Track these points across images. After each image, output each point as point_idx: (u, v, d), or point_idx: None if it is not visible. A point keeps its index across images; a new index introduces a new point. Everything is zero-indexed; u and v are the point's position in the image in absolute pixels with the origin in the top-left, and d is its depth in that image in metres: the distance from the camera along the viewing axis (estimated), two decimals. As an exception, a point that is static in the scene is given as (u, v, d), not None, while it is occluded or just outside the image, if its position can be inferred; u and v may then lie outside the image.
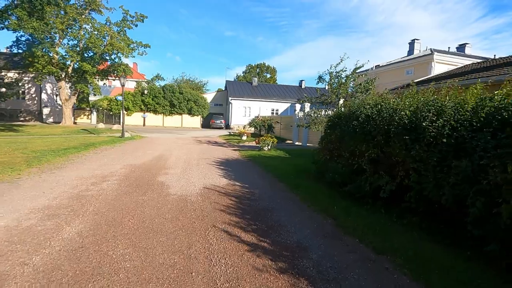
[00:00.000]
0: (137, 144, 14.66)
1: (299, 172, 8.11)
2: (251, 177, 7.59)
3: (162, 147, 13.67)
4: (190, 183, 6.58)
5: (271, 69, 56.89)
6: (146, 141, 16.83)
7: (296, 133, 19.49)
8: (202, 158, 10.58)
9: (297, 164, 9.48)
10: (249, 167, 9.19)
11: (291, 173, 7.98)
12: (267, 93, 36.09)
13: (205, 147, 14.87)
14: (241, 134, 19.24)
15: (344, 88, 11.40)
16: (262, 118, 21.79)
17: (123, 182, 6.46)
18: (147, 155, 10.97)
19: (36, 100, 32.68)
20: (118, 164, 8.75)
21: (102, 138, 16.85)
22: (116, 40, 24.75)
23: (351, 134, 5.46)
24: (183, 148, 13.61)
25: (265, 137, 12.96)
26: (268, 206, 5.01)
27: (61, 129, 22.86)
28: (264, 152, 12.62)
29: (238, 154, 12.31)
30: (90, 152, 11.07)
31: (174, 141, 17.12)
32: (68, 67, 25.90)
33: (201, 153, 12.23)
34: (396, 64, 25.41)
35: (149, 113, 33.48)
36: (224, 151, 13.46)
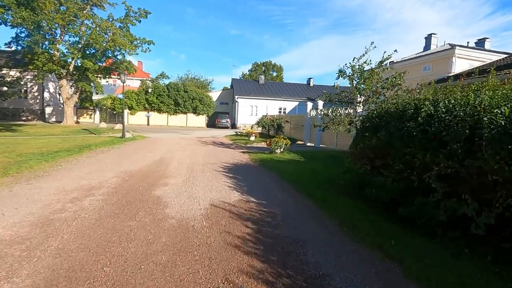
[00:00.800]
0: (137, 146, 13.42)
1: (323, 181, 6.74)
2: (267, 189, 6.25)
3: (164, 149, 12.40)
4: (194, 198, 5.27)
5: (278, 67, 55.38)
6: (148, 141, 15.60)
7: (308, 133, 18.09)
8: (207, 163, 9.28)
9: (317, 171, 8.11)
10: (262, 175, 7.85)
11: (314, 183, 6.62)
12: (274, 91, 34.68)
13: (211, 148, 13.57)
14: (248, 134, 17.91)
15: (369, 83, 9.97)
16: (271, 117, 20.42)
17: (111, 197, 5.17)
18: (146, 158, 9.71)
19: (38, 99, 31.78)
20: (111, 171, 7.49)
21: (102, 139, 15.67)
22: (119, 37, 23.57)
23: (405, 139, 4.08)
24: (187, 150, 12.33)
25: (278, 138, 11.61)
26: (297, 238, 3.67)
27: (62, 128, 21.80)
28: (276, 156, 11.27)
29: (248, 158, 10.98)
30: (83, 156, 9.84)
31: (178, 142, 15.87)
32: (70, 64, 24.82)
33: (207, 156, 10.94)
34: (411, 60, 23.80)
35: (153, 112, 32.34)
36: (231, 153, 12.14)
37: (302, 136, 18.93)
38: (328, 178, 7.11)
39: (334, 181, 6.75)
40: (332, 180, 6.90)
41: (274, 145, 11.42)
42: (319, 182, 6.64)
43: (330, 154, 12.47)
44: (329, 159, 10.94)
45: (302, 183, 6.60)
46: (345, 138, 14.49)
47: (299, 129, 19.50)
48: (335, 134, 15.34)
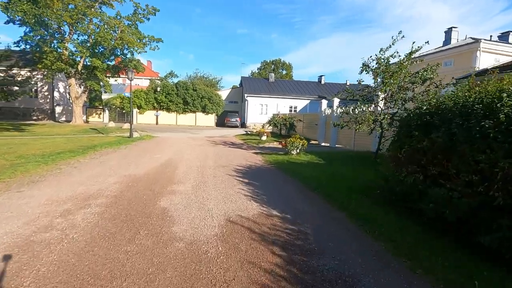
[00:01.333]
0: (145, 146, 12.72)
1: (352, 189, 5.81)
2: (289, 198, 5.37)
3: (173, 150, 11.65)
4: (206, 211, 4.43)
5: (287, 65, 54.28)
6: (156, 141, 14.90)
7: (322, 133, 17.11)
8: (219, 166, 8.46)
9: (342, 176, 7.17)
10: (281, 181, 6.96)
11: (342, 191, 5.69)
12: (285, 89, 33.69)
13: (221, 149, 12.76)
14: (260, 133, 17.04)
15: (397, 77, 8.96)
16: (283, 116, 19.50)
17: (109, 209, 4.38)
18: (153, 160, 8.95)
19: (48, 98, 31.61)
20: (114, 175, 6.73)
21: (109, 139, 15.05)
22: (127, 34, 22.99)
23: (478, 143, 3.14)
24: (196, 151, 11.54)
25: (294, 138, 10.69)
26: (343, 273, 2.78)
27: (70, 128, 21.39)
28: (292, 157, 10.37)
29: (262, 159, 10.11)
30: (87, 157, 9.15)
31: (187, 142, 15.12)
32: (78, 63, 24.40)
33: (218, 157, 10.12)
34: (431, 56, 22.46)
35: (162, 111, 31.80)
36: (243, 154, 11.29)
37: (316, 136, 17.96)
38: (357, 185, 6.17)
39: (365, 189, 5.82)
40: (363, 187, 5.96)
41: (290, 145, 10.52)
42: (348, 190, 5.71)
43: (349, 155, 11.49)
44: (350, 161, 9.97)
45: (329, 191, 5.69)
46: (363, 138, 13.48)
47: (312, 128, 18.53)
48: (353, 134, 14.33)
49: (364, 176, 7.13)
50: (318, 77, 37.60)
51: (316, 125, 17.96)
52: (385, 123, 9.11)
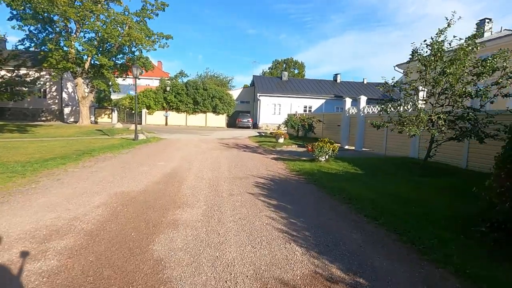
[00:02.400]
0: (149, 150, 11.16)
1: (435, 222, 3.98)
2: (347, 239, 3.58)
3: (180, 155, 10.04)
4: (225, 267, 2.73)
5: (299, 64, 52.25)
6: (163, 144, 13.35)
7: (346, 135, 15.22)
8: (235, 177, 6.76)
9: (406, 197, 5.31)
10: (322, 203, 5.16)
11: (422, 225, 3.86)
12: (299, 88, 31.79)
13: (236, 154, 11.07)
14: (276, 135, 15.30)
15: (460, 66, 7.07)
16: (300, 116, 17.69)
17: (73, 261, 2.74)
18: (156, 170, 7.34)
19: (57, 99, 30.70)
20: (102, 192, 5.13)
21: (111, 141, 13.61)
22: (134, 30, 21.64)
23: None
24: (207, 157, 9.90)
25: (322, 142, 8.90)
26: None
27: (76, 129, 20.17)
28: (321, 165, 8.58)
29: (285, 168, 8.37)
30: (79, 165, 7.61)
31: (197, 145, 13.52)
32: (85, 62, 23.22)
33: (233, 165, 8.44)
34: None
35: (172, 111, 30.42)
36: (262, 161, 9.58)
37: (338, 138, 16.07)
38: (437, 214, 4.35)
39: (453, 221, 4.00)
40: (447, 218, 4.13)
41: (318, 151, 8.74)
42: (430, 224, 3.88)
43: (388, 162, 9.62)
44: (394, 170, 8.12)
45: (403, 225, 3.89)
46: (398, 142, 11.56)
47: (334, 130, 16.66)
48: (384, 136, 12.42)
49: (432, 197, 5.30)
50: (333, 75, 35.53)
51: (338, 126, 16.09)
52: (442, 124, 7.23)
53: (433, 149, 7.97)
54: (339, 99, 30.82)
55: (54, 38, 22.00)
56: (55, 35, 21.88)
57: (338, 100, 30.82)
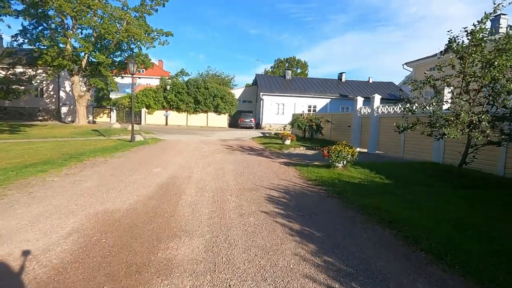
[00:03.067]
0: (145, 154, 10.09)
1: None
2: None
3: (179, 160, 8.96)
4: None
5: (302, 64, 51.06)
6: (161, 147, 12.26)
7: (357, 136, 14.12)
8: (244, 189, 5.68)
9: (470, 223, 4.21)
10: (358, 227, 4.07)
11: (496, 273, 2.81)
12: (303, 87, 30.64)
13: (241, 158, 9.99)
14: (283, 137, 14.20)
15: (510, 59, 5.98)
16: (308, 115, 16.58)
17: None
18: (150, 179, 6.26)
19: (54, 98, 29.64)
20: (79, 212, 4.05)
21: (105, 143, 12.54)
22: (133, 26, 20.55)
23: None
24: (210, 161, 8.81)
25: (340, 146, 7.78)
26: None
27: (71, 129, 19.10)
28: (339, 172, 7.48)
29: (299, 175, 7.27)
30: (62, 173, 6.54)
31: (198, 147, 12.43)
32: (82, 59, 22.15)
33: (239, 172, 7.35)
34: (478, 46, 19.05)
35: (172, 111, 29.32)
36: (270, 166, 8.48)
37: (347, 139, 14.91)
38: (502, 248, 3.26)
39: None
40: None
41: (335, 156, 7.63)
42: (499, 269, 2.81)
43: (412, 168, 8.51)
44: (423, 178, 7.02)
45: (484, 269, 2.79)
46: (418, 144, 10.47)
47: (343, 131, 15.56)
48: (401, 139, 11.32)
49: (501, 221, 4.21)
50: (338, 74, 34.37)
51: (348, 127, 14.98)
52: (485, 125, 6.13)
53: (470, 155, 6.89)
54: (345, 98, 29.75)
55: (49, 34, 20.96)
56: (50, 31, 20.81)
57: (344, 99, 29.74)
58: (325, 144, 14.95)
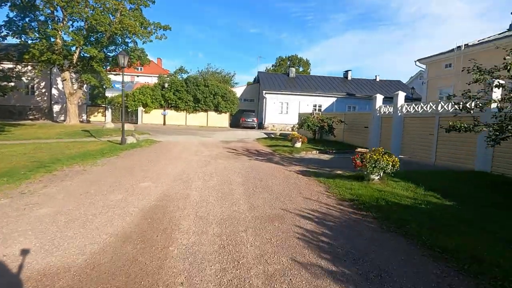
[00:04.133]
0: (135, 160, 8.38)
1: None
2: None
3: (175, 170, 7.26)
4: None
5: (304, 62, 49.30)
6: (155, 150, 10.56)
7: (375, 138, 12.46)
8: (262, 218, 4.00)
9: None
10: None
11: None
12: (307, 85, 28.92)
13: (249, 165, 8.30)
14: (293, 139, 12.52)
15: None
16: (318, 115, 14.91)
17: None
18: (132, 202, 4.56)
19: (46, 96, 27.83)
20: (5, 272, 2.38)
21: (92, 146, 10.84)
22: (127, 17, 18.78)
23: None
24: (212, 171, 7.13)
25: (377, 153, 6.08)
26: None
27: (60, 129, 17.36)
28: (377, 187, 5.81)
29: (326, 191, 5.59)
30: (16, 190, 4.86)
31: (197, 151, 10.75)
32: (73, 54, 20.37)
33: (250, 188, 5.67)
34: (501, 41, 17.43)
35: (170, 110, 27.58)
36: (288, 177, 6.80)
37: (364, 141, 13.34)
38: None
39: None
40: None
41: (371, 166, 5.95)
42: None
43: (464, 178, 6.85)
44: (497, 195, 5.35)
45: None
46: (457, 149, 8.83)
47: (358, 132, 13.91)
48: (434, 142, 9.68)
49: None
50: (344, 72, 32.66)
51: (365, 127, 13.33)
52: None
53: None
54: (352, 97, 28.10)
55: (37, 27, 19.18)
56: (37, 22, 19.03)
57: (351, 98, 28.09)
58: (339, 147, 13.34)
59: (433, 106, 9.90)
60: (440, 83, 21.28)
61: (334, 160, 10.27)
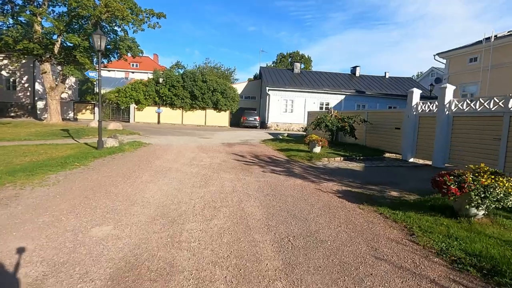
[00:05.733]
0: (104, 176, 5.92)
1: None
2: None
3: (159, 195, 4.81)
4: None
5: (306, 59, 46.80)
6: (139, 158, 8.09)
7: (410, 143, 10.09)
8: None
9: None
10: None
11: None
12: (314, 82, 26.50)
13: (266, 182, 5.88)
14: (311, 142, 10.12)
15: None
16: (337, 113, 12.50)
17: None
18: (62, 283, 2.15)
19: (29, 91, 25.14)
20: None
21: (60, 151, 8.35)
22: (114, 0, 16.20)
23: None
24: (216, 195, 4.71)
25: (485, 176, 3.73)
26: None
27: (36, 129, 14.82)
28: (487, 228, 3.45)
29: (404, 238, 3.21)
30: None
31: (194, 158, 8.31)
32: (55, 43, 17.73)
33: (283, 234, 3.27)
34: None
35: (165, 107, 25.06)
36: (328, 206, 4.41)
37: (393, 145, 11.01)
38: None
39: None
40: None
41: (478, 196, 3.57)
42: None
43: None
44: None
45: None
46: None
47: (386, 134, 11.54)
48: (502, 148, 7.33)
49: None
50: (351, 68, 30.29)
51: (396, 129, 10.96)
52: None
53: None
54: (361, 95, 25.79)
55: (10, 11, 16.55)
56: (10, 5, 16.39)
57: (360, 96, 25.78)
58: (364, 152, 10.77)
59: (499, 102, 7.56)
60: (464, 79, 18.99)
61: (369, 171, 7.91)
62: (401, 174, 7.77)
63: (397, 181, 6.57)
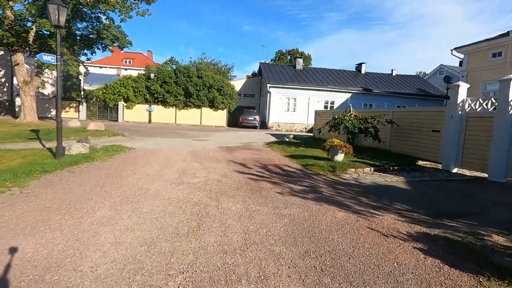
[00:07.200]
0: (34, 212, 3.72)
1: None
2: None
3: (112, 256, 2.67)
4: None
5: (306, 56, 44.69)
6: (108, 173, 5.90)
7: (454, 148, 8.05)
8: None
9: None
10: None
11: None
12: (318, 79, 24.42)
13: (291, 218, 3.78)
14: (332, 148, 8.03)
15: None
16: (357, 113, 10.42)
17: None
18: None
19: (6, 87, 22.63)
20: None
21: (5, 162, 6.13)
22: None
23: None
24: (218, 261, 2.61)
25: None
26: None
27: (4, 128, 12.52)
28: None
29: None
30: None
31: (184, 172, 6.17)
32: (29, 31, 15.34)
33: None
34: None
35: (157, 105, 22.79)
36: (428, 283, 2.34)
37: (427, 151, 9.00)
38: None
39: None
40: None
41: None
42: None
43: None
44: None
45: None
46: None
47: (419, 137, 9.51)
48: None
49: None
50: (356, 65, 28.29)
51: (434, 131, 8.92)
52: None
53: None
54: (369, 93, 23.82)
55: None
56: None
57: (367, 94, 23.82)
58: (393, 160, 8.51)
59: None
60: (485, 75, 17.10)
61: (418, 189, 5.85)
62: (463, 193, 5.73)
63: (471, 209, 4.53)
